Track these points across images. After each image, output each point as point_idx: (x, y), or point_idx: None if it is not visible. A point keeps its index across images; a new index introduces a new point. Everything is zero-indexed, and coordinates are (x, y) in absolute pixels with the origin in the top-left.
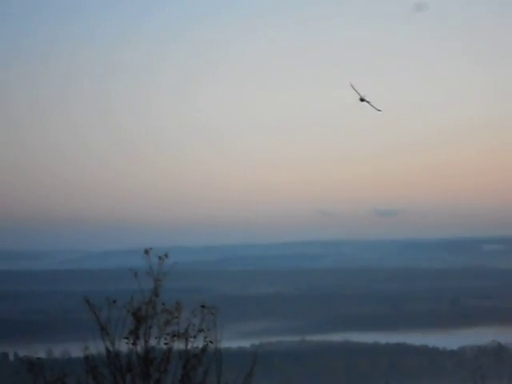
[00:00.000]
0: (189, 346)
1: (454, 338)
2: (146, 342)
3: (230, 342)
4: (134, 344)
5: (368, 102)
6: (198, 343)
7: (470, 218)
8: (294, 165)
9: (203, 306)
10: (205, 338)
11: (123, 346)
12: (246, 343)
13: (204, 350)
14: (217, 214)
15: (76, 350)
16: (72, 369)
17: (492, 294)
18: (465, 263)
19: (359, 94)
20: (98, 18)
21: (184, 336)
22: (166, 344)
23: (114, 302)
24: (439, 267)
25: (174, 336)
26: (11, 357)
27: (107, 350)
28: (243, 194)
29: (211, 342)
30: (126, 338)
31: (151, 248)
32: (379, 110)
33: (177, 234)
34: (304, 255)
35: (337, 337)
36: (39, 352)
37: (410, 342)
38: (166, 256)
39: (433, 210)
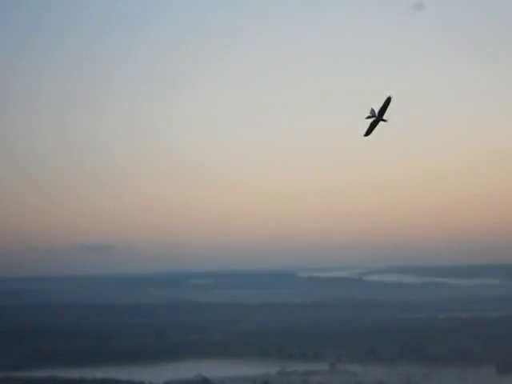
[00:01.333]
0: None
1: (159, 372)
2: None
3: None
4: None
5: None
6: None
7: (177, 252)
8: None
9: None
10: None
11: None
12: None
13: None
14: None
15: None
16: None
17: (197, 327)
18: (171, 297)
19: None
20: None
21: None
22: None
23: None
24: (146, 301)
25: None
26: None
27: None
28: None
29: None
30: None
31: None
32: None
33: None
34: (10, 291)
35: (44, 373)
36: None
37: (117, 377)
38: None
39: (142, 244)
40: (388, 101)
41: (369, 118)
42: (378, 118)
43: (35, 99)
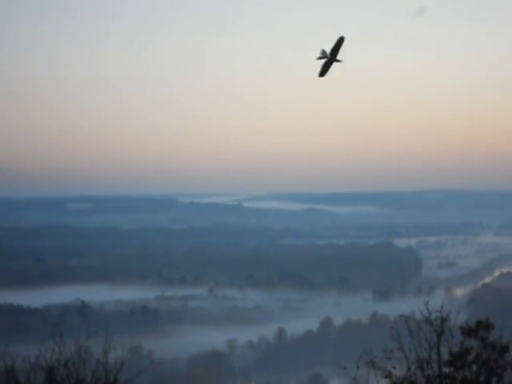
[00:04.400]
0: None
1: (38, 296)
2: None
3: None
4: None
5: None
6: None
7: (56, 176)
8: None
9: None
10: None
11: None
12: None
13: None
14: None
15: None
16: None
17: (76, 252)
18: (50, 222)
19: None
20: None
21: None
22: None
23: None
24: (24, 225)
25: None
26: None
27: None
28: None
29: None
30: None
31: None
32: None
33: None
34: None
35: None
36: None
37: None
38: None
39: (20, 167)
40: (340, 41)
41: (320, 58)
42: (330, 58)
43: None
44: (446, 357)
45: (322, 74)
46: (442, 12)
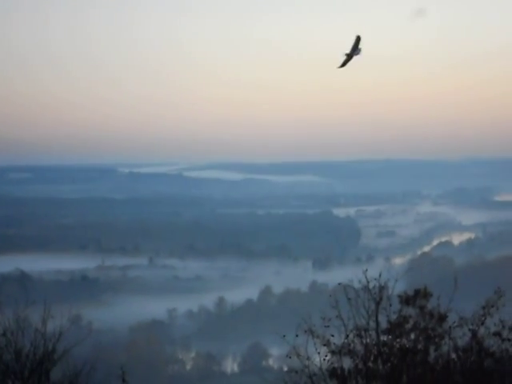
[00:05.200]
0: None
1: None
2: None
3: None
4: None
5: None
6: None
7: None
8: None
9: None
10: None
11: None
12: None
13: None
14: None
15: None
16: None
17: (15, 222)
18: None
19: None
20: None
21: None
22: None
23: None
24: None
25: None
26: None
27: None
28: None
29: None
30: None
31: None
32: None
33: None
34: None
35: None
36: None
37: None
38: None
39: None
40: (357, 39)
41: (346, 54)
42: (350, 53)
43: None
44: (384, 325)
45: (342, 65)
46: None
